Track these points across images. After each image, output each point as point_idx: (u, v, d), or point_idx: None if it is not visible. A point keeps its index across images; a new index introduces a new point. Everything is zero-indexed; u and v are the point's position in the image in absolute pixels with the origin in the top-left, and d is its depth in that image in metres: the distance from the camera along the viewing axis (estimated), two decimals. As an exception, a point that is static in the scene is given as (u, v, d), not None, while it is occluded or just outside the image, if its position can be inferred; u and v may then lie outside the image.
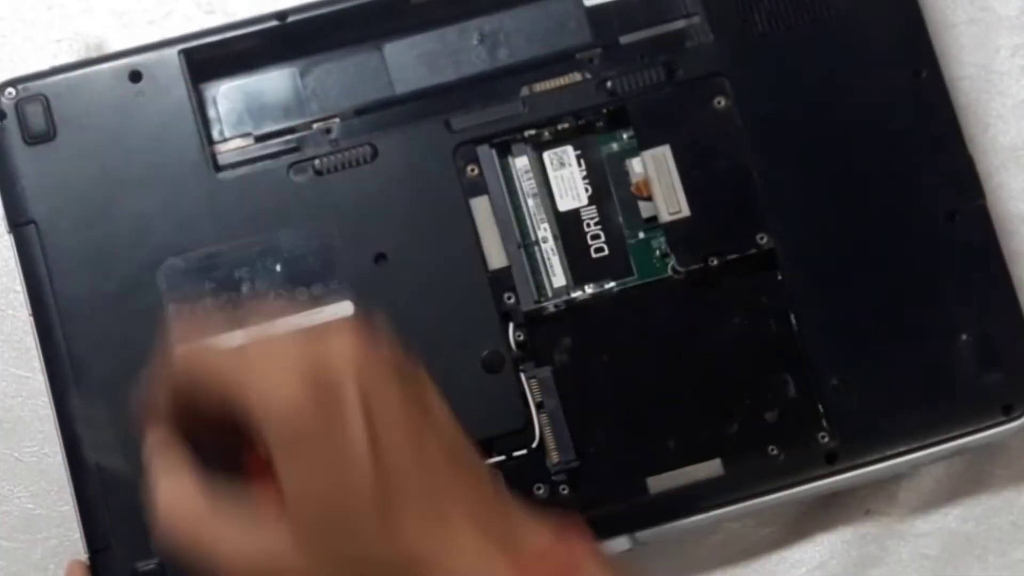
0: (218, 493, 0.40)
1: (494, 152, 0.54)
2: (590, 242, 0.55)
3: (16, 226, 0.53)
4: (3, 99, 0.53)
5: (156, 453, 0.41)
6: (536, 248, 0.54)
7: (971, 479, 0.57)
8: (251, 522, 0.39)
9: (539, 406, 0.53)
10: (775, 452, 0.53)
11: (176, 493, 0.40)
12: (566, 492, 0.52)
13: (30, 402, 0.56)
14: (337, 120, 0.55)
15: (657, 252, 0.55)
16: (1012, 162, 0.59)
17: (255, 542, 0.39)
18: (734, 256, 0.54)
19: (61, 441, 0.51)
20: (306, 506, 0.38)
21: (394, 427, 0.39)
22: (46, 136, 0.53)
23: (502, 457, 0.52)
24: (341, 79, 0.56)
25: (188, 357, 0.40)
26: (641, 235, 0.55)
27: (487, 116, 0.54)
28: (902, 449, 0.53)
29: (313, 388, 0.38)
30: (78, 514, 0.51)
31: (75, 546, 0.52)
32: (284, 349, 0.39)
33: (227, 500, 0.40)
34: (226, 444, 0.41)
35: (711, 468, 0.53)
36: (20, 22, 0.59)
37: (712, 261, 0.53)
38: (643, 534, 0.52)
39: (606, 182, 0.55)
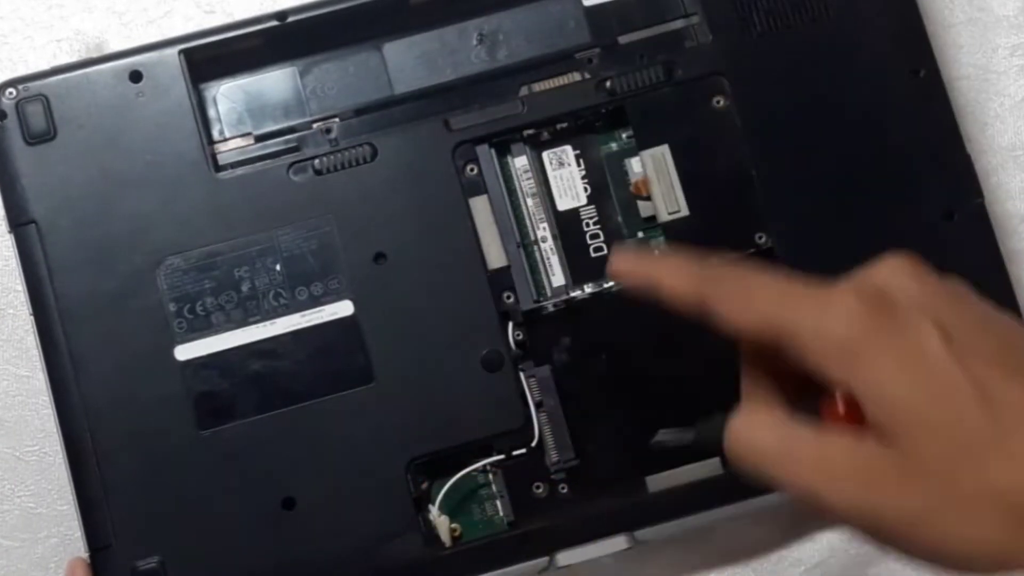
0: (798, 417, 0.40)
1: (493, 152, 0.54)
2: (589, 241, 0.55)
3: (16, 226, 0.53)
4: (3, 99, 0.53)
5: (747, 379, 0.42)
6: (535, 247, 0.54)
7: (969, 478, 0.57)
8: (832, 433, 0.39)
9: (538, 405, 0.53)
10: (774, 451, 0.53)
11: (763, 411, 0.40)
12: (565, 491, 0.53)
13: (31, 401, 0.56)
14: (337, 120, 0.55)
15: (656, 252, 0.55)
16: (1010, 162, 0.59)
17: (839, 445, 0.38)
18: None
19: (62, 440, 0.51)
20: (894, 410, 0.37)
21: (966, 332, 0.37)
22: (46, 136, 0.53)
23: (501, 456, 0.52)
24: (341, 79, 0.56)
25: (736, 307, 0.40)
26: (640, 235, 0.55)
27: (486, 116, 0.54)
28: (900, 448, 0.53)
29: (866, 303, 0.38)
30: (79, 513, 0.51)
31: (76, 545, 0.52)
32: (825, 286, 0.39)
33: (806, 423, 0.39)
34: (803, 394, 0.41)
35: (710, 467, 0.53)
36: (20, 22, 0.59)
37: (711, 260, 0.54)
38: (642, 533, 0.52)
39: (605, 182, 0.55)
